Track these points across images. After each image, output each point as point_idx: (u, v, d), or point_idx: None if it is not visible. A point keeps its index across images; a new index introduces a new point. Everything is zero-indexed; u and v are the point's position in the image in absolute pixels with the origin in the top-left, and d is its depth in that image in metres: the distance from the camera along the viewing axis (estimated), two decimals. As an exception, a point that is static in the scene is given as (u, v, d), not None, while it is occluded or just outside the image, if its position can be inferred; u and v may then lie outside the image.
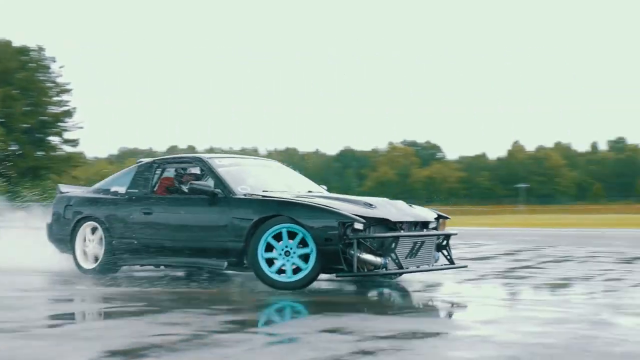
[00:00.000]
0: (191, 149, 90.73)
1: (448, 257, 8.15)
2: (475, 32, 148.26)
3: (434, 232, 8.05)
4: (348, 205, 7.56)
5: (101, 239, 8.88)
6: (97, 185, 9.56)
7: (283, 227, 7.35)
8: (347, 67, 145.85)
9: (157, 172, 8.88)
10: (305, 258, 7.29)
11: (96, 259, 8.92)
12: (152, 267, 9.29)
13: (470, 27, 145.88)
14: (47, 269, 9.44)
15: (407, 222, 7.70)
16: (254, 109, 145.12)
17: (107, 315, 6.01)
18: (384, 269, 7.34)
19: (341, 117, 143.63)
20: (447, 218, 8.39)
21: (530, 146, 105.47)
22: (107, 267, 8.82)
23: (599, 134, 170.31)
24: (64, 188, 9.84)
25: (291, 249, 7.34)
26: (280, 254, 7.36)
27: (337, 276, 7.50)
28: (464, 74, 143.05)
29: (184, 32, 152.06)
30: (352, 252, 7.14)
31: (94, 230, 9.01)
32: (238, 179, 8.26)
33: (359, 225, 7.20)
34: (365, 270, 7.29)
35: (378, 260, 7.30)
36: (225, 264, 7.81)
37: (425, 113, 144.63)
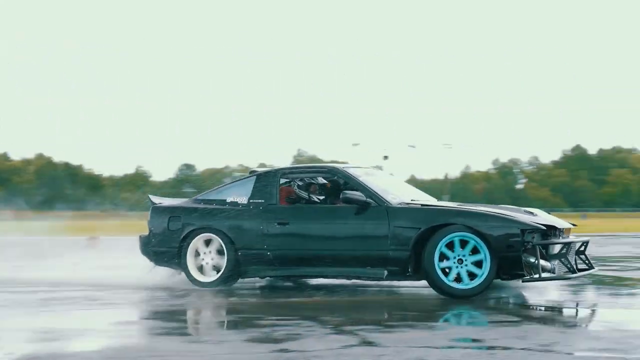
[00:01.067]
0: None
1: (587, 261, 8.23)
2: (476, 33, 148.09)
3: (578, 238, 8.18)
4: (518, 214, 7.68)
5: (219, 251, 8.54)
6: (202, 197, 9.12)
7: (456, 236, 7.35)
8: (347, 67, 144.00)
9: (281, 181, 8.66)
10: (477, 265, 7.32)
11: (215, 271, 8.55)
12: (262, 278, 8.99)
13: (472, 28, 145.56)
14: (148, 283, 9.00)
15: (564, 228, 7.86)
16: (253, 109, 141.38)
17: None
18: (552, 273, 7.46)
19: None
20: (574, 225, 8.52)
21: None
22: (229, 279, 8.50)
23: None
24: (155, 199, 9.36)
25: (464, 256, 7.34)
26: (454, 262, 7.35)
27: (522, 281, 7.47)
28: (465, 74, 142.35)
29: (182, 33, 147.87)
30: (532, 258, 7.27)
31: (207, 242, 8.63)
32: (381, 188, 8.17)
33: (533, 233, 7.33)
34: (537, 274, 7.27)
35: (548, 264, 7.43)
36: (385, 272, 7.72)
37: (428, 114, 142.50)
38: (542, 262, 7.34)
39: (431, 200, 8.55)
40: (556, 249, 7.55)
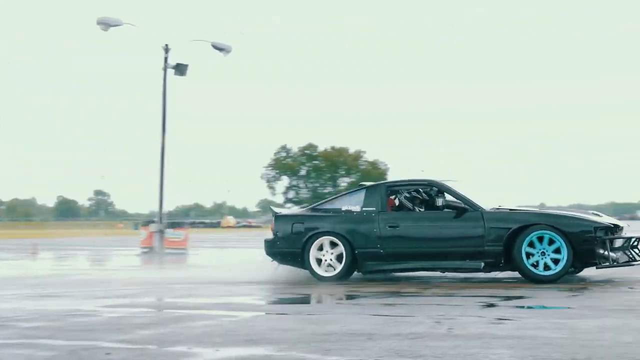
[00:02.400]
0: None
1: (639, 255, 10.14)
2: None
3: (635, 234, 10.25)
4: (588, 215, 9.78)
5: (339, 250, 10.42)
6: (316, 205, 11.19)
7: (540, 233, 9.38)
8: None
9: (388, 193, 10.63)
10: (556, 260, 9.34)
11: (331, 268, 10.48)
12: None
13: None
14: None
15: (622, 226, 9.97)
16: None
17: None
18: (616, 263, 9.43)
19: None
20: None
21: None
22: (345, 274, 10.43)
23: None
24: (275, 209, 11.41)
25: (545, 250, 9.36)
26: (538, 254, 9.36)
27: (597, 268, 9.53)
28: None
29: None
30: (603, 250, 9.32)
31: (333, 244, 10.49)
32: (472, 196, 10.16)
33: (603, 230, 9.46)
34: (609, 262, 9.34)
35: (613, 255, 9.39)
36: (482, 264, 9.71)
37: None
38: (611, 253, 9.32)
39: (512, 207, 10.51)
40: (619, 242, 9.59)
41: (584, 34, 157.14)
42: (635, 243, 10.06)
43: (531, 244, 9.38)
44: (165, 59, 22.94)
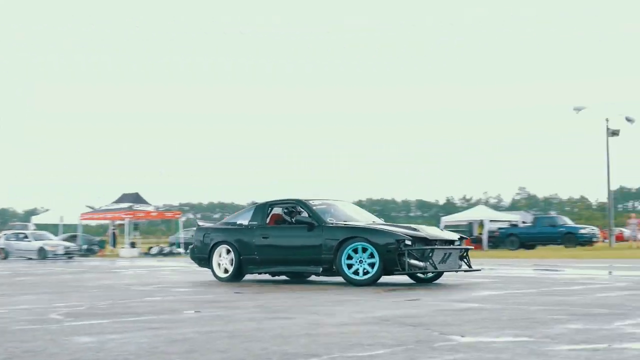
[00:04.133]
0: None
1: (467, 264, 12.45)
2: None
3: (457, 246, 12.22)
4: (399, 229, 11.83)
5: (231, 256, 13.25)
6: (225, 220, 14.30)
7: (358, 244, 11.64)
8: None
9: (268, 209, 13.32)
10: (372, 264, 11.54)
11: (226, 271, 13.34)
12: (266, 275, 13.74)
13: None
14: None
15: (440, 239, 11.94)
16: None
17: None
18: (425, 269, 11.57)
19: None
20: (466, 238, 12.68)
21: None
22: (236, 276, 13.27)
23: None
24: (200, 222, 14.98)
25: (362, 258, 11.61)
26: (357, 262, 11.63)
27: (393, 274, 11.62)
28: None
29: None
30: (404, 259, 11.34)
31: (227, 251, 13.38)
32: (326, 213, 12.64)
33: (408, 241, 11.44)
34: (412, 269, 11.41)
35: (421, 264, 11.46)
36: (320, 269, 12.14)
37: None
38: (416, 262, 11.41)
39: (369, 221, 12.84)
40: (425, 253, 11.62)
41: (584, 34, 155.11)
42: (431, 254, 11.67)
43: (354, 252, 11.68)
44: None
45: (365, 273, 11.57)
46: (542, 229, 41.09)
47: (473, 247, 12.90)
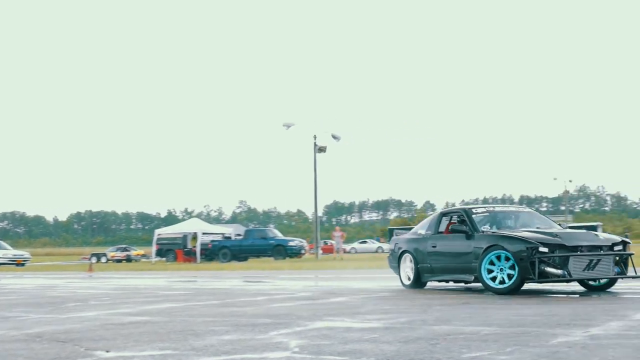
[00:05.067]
0: None
1: (622, 270, 11.21)
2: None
3: (610, 252, 11.01)
4: (538, 235, 11.00)
5: (413, 264, 12.99)
6: (413, 229, 13.84)
7: (497, 253, 11.05)
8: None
9: (441, 218, 12.90)
10: (511, 273, 10.90)
11: (409, 279, 13.12)
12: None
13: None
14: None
15: (584, 245, 10.92)
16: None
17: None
18: (562, 277, 10.69)
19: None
20: (629, 242, 11.58)
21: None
22: (416, 283, 12.98)
23: None
24: (396, 232, 15.18)
25: (504, 267, 11.01)
26: (497, 270, 11.07)
27: (526, 282, 10.94)
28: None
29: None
30: (539, 267, 10.62)
31: (410, 259, 13.10)
32: (485, 221, 12.20)
33: (543, 248, 10.71)
34: (548, 278, 10.69)
35: (558, 272, 10.66)
36: (472, 277, 11.59)
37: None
38: (553, 269, 10.63)
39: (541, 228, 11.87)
40: (562, 259, 10.75)
41: (584, 33, 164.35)
42: (567, 261, 10.79)
43: (495, 262, 11.13)
44: None
45: (501, 282, 11.06)
46: (254, 242, 41.82)
47: (633, 253, 11.64)
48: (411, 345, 5.67)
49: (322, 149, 41.12)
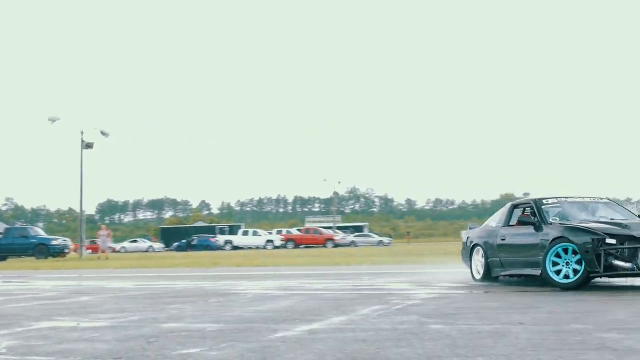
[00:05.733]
0: None
1: None
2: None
3: None
4: (606, 226, 10.30)
5: (483, 258, 12.44)
6: (485, 222, 13.23)
7: (563, 245, 10.31)
8: None
9: (512, 210, 12.25)
10: (576, 267, 10.16)
11: (479, 272, 12.56)
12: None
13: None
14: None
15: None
16: None
17: None
18: (632, 271, 9.92)
19: None
20: None
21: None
22: (486, 277, 12.35)
23: None
24: (470, 224, 14.70)
25: (570, 260, 10.26)
26: (563, 264, 10.32)
27: (593, 277, 10.19)
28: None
29: None
30: (604, 259, 9.88)
31: (479, 252, 12.62)
32: (557, 211, 11.43)
33: (611, 240, 9.97)
34: (617, 271, 9.93)
35: (627, 265, 9.92)
36: (539, 271, 10.68)
37: None
38: (621, 262, 9.91)
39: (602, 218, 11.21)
40: (631, 252, 10.04)
41: (584, 33, 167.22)
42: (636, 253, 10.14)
43: (562, 254, 10.40)
44: None
45: (566, 276, 10.33)
46: (14, 240, 39.80)
47: None
48: (127, 343, 5.60)
49: (89, 145, 39.81)
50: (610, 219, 11.15)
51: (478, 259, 12.77)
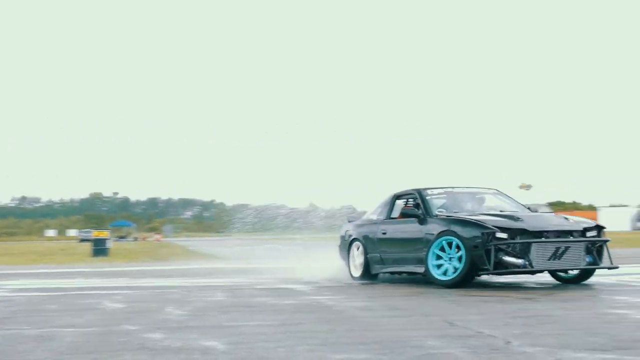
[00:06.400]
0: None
1: (594, 259, 9.62)
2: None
3: (580, 238, 9.53)
4: (497, 219, 9.57)
5: (362, 254, 11.50)
6: (365, 214, 12.28)
7: (447, 239, 9.64)
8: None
9: (394, 201, 11.41)
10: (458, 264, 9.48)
11: (357, 270, 11.62)
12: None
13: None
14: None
15: (550, 231, 9.43)
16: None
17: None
18: (523, 268, 9.25)
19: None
20: (603, 227, 9.98)
21: None
22: (365, 275, 11.47)
23: None
24: (350, 217, 12.96)
25: (453, 256, 9.55)
26: (447, 260, 9.62)
27: (480, 275, 9.59)
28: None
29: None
30: (494, 255, 9.17)
31: (359, 248, 11.63)
32: (442, 203, 10.61)
33: (501, 234, 9.22)
34: (506, 268, 9.27)
35: (519, 261, 9.18)
36: (423, 268, 9.90)
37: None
38: (512, 259, 9.24)
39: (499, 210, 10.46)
40: (523, 247, 9.44)
41: (584, 34, 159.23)
42: (528, 249, 9.44)
43: (447, 249, 9.78)
44: None
45: (446, 273, 9.67)
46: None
47: (610, 240, 10.02)
48: None
49: None
50: (500, 210, 10.46)
51: (356, 255, 11.77)
